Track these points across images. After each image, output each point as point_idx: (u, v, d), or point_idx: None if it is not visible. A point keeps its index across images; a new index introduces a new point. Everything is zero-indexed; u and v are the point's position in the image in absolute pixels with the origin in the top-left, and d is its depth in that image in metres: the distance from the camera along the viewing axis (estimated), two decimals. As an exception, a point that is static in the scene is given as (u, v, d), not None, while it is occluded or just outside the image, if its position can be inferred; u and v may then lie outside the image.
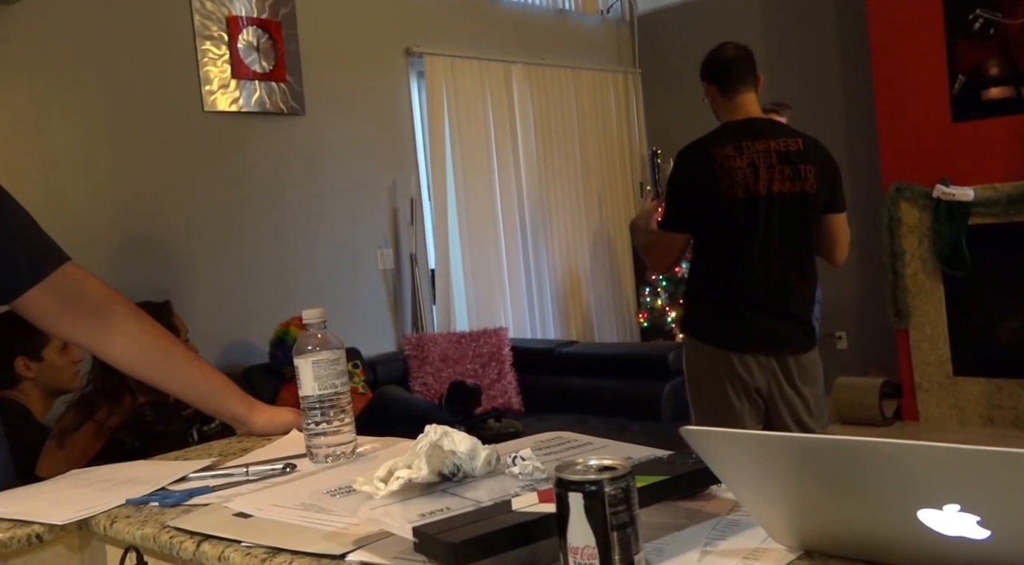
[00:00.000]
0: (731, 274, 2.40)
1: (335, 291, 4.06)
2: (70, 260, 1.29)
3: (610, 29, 5.55)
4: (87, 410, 2.24)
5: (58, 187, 3.21)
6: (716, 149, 2.36)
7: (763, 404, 2.43)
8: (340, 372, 1.13)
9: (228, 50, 3.64)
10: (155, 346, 1.31)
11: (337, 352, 1.13)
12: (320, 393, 1.11)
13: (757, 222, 2.34)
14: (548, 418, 3.86)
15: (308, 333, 1.13)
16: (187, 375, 1.32)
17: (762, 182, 2.32)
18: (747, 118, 2.43)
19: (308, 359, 1.11)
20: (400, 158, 4.34)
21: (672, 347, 4.09)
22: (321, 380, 1.11)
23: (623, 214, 5.42)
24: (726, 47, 2.51)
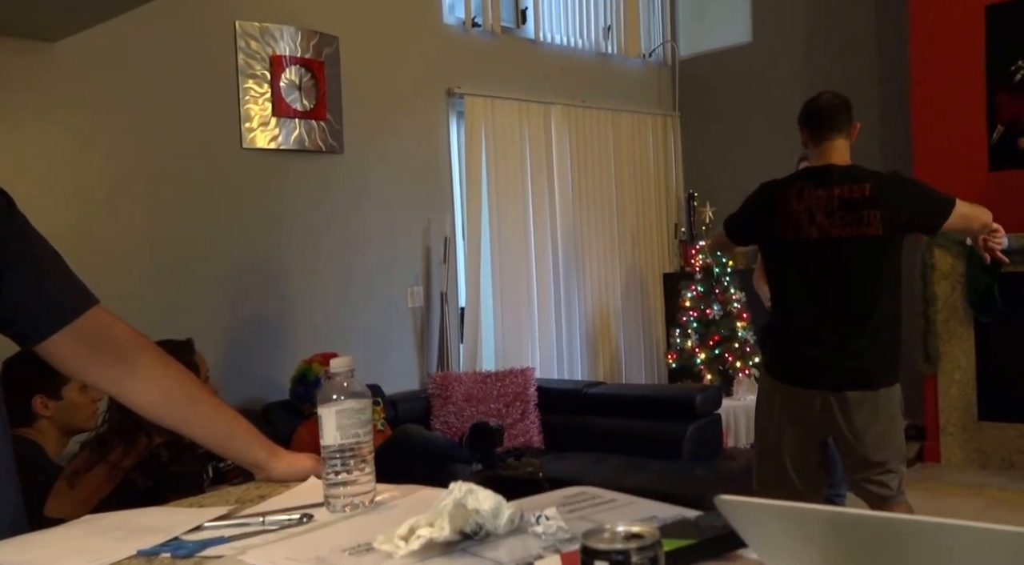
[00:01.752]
0: (786, 311, 2.52)
1: (362, 328, 3.95)
2: (98, 303, 1.22)
3: (651, 72, 5.42)
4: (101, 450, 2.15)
5: (91, 221, 3.16)
6: (780, 191, 2.46)
7: (819, 437, 2.49)
8: (364, 421, 1.07)
9: (270, 88, 3.59)
10: (180, 392, 1.25)
11: (362, 401, 1.07)
12: (342, 443, 1.06)
13: (807, 264, 2.43)
14: (567, 456, 3.73)
15: (334, 381, 1.07)
16: (211, 421, 1.26)
17: (816, 227, 2.39)
18: (826, 165, 2.47)
19: (332, 408, 1.06)
20: (436, 197, 4.25)
21: (700, 389, 3.92)
22: (344, 430, 1.06)
23: (656, 255, 5.27)
24: (823, 95, 2.54)
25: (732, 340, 4.63)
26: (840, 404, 2.42)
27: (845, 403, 2.42)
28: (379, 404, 3.63)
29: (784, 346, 2.51)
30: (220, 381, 3.38)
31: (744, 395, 4.54)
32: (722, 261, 4.72)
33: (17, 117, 2.98)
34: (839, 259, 2.40)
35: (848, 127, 2.49)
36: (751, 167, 5.11)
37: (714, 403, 3.86)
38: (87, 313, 1.19)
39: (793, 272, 2.46)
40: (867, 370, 2.44)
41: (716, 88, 5.36)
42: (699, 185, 5.31)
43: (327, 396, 1.06)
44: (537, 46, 4.73)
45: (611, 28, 5.10)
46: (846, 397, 2.42)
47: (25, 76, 2.98)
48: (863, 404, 2.42)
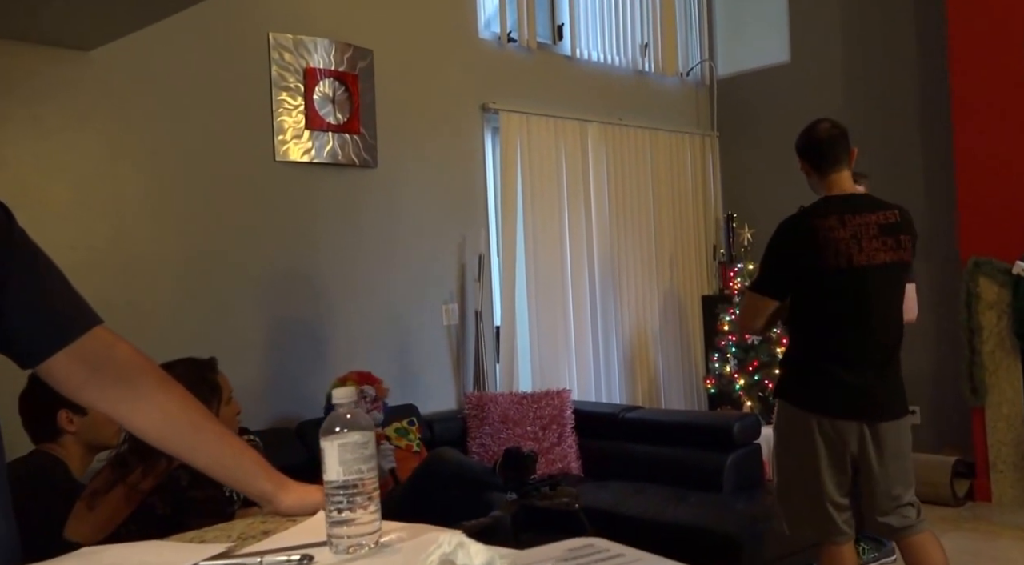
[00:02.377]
0: (830, 341, 2.40)
1: (397, 345, 3.83)
2: (101, 323, 1.15)
3: (689, 92, 5.31)
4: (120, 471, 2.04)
5: (125, 233, 3.09)
6: (820, 221, 2.36)
7: (852, 470, 2.41)
8: (368, 456, 1.01)
9: (304, 101, 3.51)
10: (183, 418, 1.18)
11: (367, 434, 1.01)
12: (345, 479, 0.99)
13: (857, 291, 2.36)
14: (607, 485, 3.57)
15: (337, 413, 1.01)
16: (215, 450, 1.20)
17: (864, 253, 2.35)
18: (846, 194, 2.44)
19: (334, 441, 0.99)
20: (470, 214, 4.14)
21: (738, 417, 3.73)
22: (347, 465, 0.99)
23: (695, 277, 5.11)
24: (820, 126, 2.49)
25: (772, 366, 4.43)
26: (874, 435, 2.37)
27: (878, 434, 2.37)
28: (414, 424, 3.51)
29: (823, 377, 2.40)
30: (254, 397, 3.30)
31: (786, 423, 4.32)
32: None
33: (51, 126, 2.93)
34: (883, 284, 2.38)
35: (848, 156, 2.47)
36: (790, 188, 4.92)
37: (753, 432, 3.67)
38: (89, 333, 1.13)
39: (840, 300, 2.37)
40: (899, 399, 2.43)
41: (755, 108, 5.22)
42: (738, 206, 5.16)
43: (329, 428, 1.00)
44: (573, 63, 4.63)
45: (648, 46, 4.99)
46: (879, 428, 2.37)
47: (59, 85, 2.93)
48: (895, 434, 2.39)
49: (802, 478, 2.42)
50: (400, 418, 3.48)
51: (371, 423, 1.03)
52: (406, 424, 3.48)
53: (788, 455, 2.48)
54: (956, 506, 4.15)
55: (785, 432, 2.47)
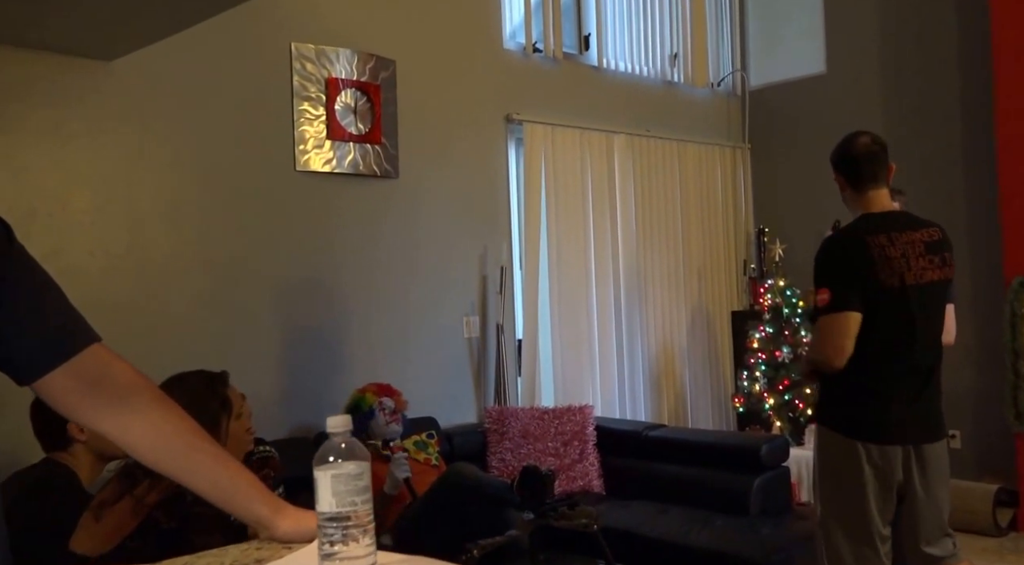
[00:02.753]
0: (875, 363, 2.32)
1: (417, 357, 3.80)
2: (99, 341, 1.14)
3: (720, 102, 5.23)
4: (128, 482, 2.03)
5: (143, 241, 3.10)
6: (871, 238, 2.30)
7: (896, 498, 2.34)
8: (362, 488, 1.00)
9: (325, 111, 3.52)
10: (179, 439, 1.17)
11: (361, 465, 1.00)
12: (338, 511, 0.98)
13: (905, 310, 2.31)
14: (629, 505, 3.51)
15: (331, 442, 1.00)
16: (210, 472, 1.18)
17: (913, 272, 2.30)
18: (886, 211, 2.38)
19: (327, 472, 0.99)
20: (493, 225, 4.11)
21: (767, 439, 3.64)
22: (340, 496, 0.98)
23: (724, 291, 5.02)
24: (859, 141, 2.41)
25: (803, 385, 4.32)
26: (918, 459, 2.31)
27: (923, 457, 2.31)
28: (434, 438, 3.48)
29: (867, 401, 2.32)
30: (272, 406, 3.30)
31: (818, 444, 4.20)
32: (792, 301, 4.44)
33: (72, 133, 2.95)
34: (929, 303, 2.33)
35: (887, 172, 2.40)
36: (824, 203, 4.83)
37: (781, 455, 3.57)
38: (86, 351, 1.12)
39: (887, 320, 2.29)
40: (940, 420, 2.38)
41: (788, 120, 5.13)
42: (770, 220, 5.06)
43: (323, 457, 0.99)
44: (600, 73, 4.59)
45: (677, 56, 4.93)
46: (923, 451, 2.31)
47: (81, 94, 2.95)
48: (937, 456, 2.34)
49: (847, 508, 2.32)
50: (419, 431, 3.45)
51: (366, 453, 1.01)
52: (425, 437, 3.44)
53: (832, 484, 2.37)
54: (998, 536, 4.02)
55: (829, 460, 2.37)
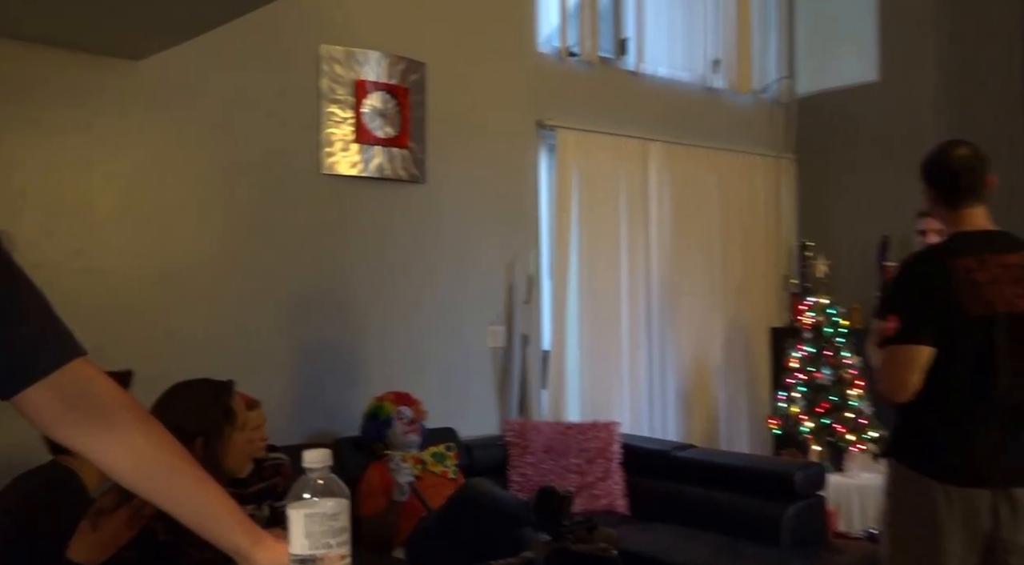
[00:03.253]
0: (957, 395, 2.16)
1: (440, 365, 3.85)
2: (82, 355, 1.12)
3: (764, 110, 5.19)
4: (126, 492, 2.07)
5: (167, 243, 3.19)
6: (955, 261, 2.15)
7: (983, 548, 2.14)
8: (339, 529, 0.96)
9: (353, 114, 3.57)
10: (158, 461, 1.15)
11: (340, 503, 0.97)
12: (312, 553, 0.95)
13: (991, 340, 2.13)
14: (654, 528, 3.50)
15: (307, 478, 0.97)
16: (188, 497, 1.15)
17: (1004, 299, 2.13)
18: (982, 230, 2.23)
19: (301, 511, 0.96)
20: (521, 233, 4.13)
21: (802, 465, 3.58)
22: (313, 538, 0.95)
23: (763, 307, 4.97)
24: (956, 151, 2.25)
25: (844, 409, 4.25)
26: (1010, 504, 2.11)
27: (1014, 502, 2.11)
28: (452, 450, 3.50)
29: (947, 437, 2.17)
30: (289, 413, 3.38)
31: (858, 473, 4.12)
32: (834, 320, 4.36)
33: (99, 135, 3.05)
34: (1019, 334, 2.14)
35: (985, 187, 2.23)
36: (873, 218, 4.78)
37: (817, 482, 3.52)
38: (68, 366, 1.10)
39: (971, 352, 2.14)
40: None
41: (837, 130, 5.06)
42: (814, 234, 4.99)
43: (297, 494, 0.97)
44: (637, 78, 4.58)
45: (720, 61, 4.90)
46: (1013, 495, 2.12)
47: (110, 93, 3.06)
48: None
49: (920, 556, 2.16)
50: (438, 442, 3.48)
51: (345, 490, 0.98)
52: (443, 449, 3.47)
53: (904, 527, 2.22)
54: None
55: (902, 499, 2.22)
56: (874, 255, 4.67)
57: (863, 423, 4.24)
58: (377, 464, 3.25)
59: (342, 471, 3.48)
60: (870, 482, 4.03)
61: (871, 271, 4.70)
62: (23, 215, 2.89)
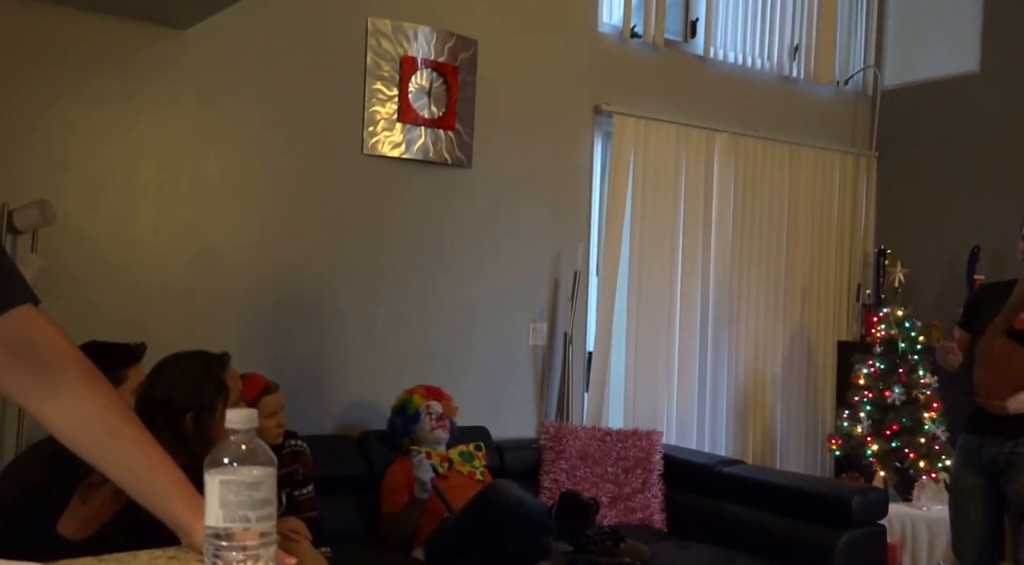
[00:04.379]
0: None
1: (475, 361, 3.95)
2: (33, 302, 1.14)
3: (845, 103, 5.14)
4: None
5: (205, 218, 3.35)
6: None
7: None
8: (261, 501, 0.91)
9: (398, 92, 3.66)
10: (99, 420, 1.14)
11: (264, 472, 0.91)
12: (226, 526, 0.90)
13: None
14: (691, 547, 3.52)
15: (229, 442, 0.92)
16: (129, 462, 1.14)
17: None
18: None
19: (217, 477, 0.91)
20: (570, 226, 4.20)
21: (861, 489, 3.54)
22: (229, 508, 0.90)
23: (831, 318, 4.95)
24: None
25: (916, 433, 4.20)
26: None
27: None
28: (481, 450, 3.57)
29: None
30: (317, 402, 3.52)
31: (929, 504, 4.04)
32: (911, 334, 4.27)
33: (142, 106, 3.23)
34: None
35: None
36: (963, 225, 4.69)
37: (878, 510, 3.47)
38: (13, 312, 1.11)
39: None
40: None
41: (927, 126, 4.97)
42: (893, 241, 4.91)
43: (216, 459, 0.91)
44: (706, 64, 4.59)
45: (799, 48, 4.86)
46: None
47: (154, 64, 3.24)
48: None
49: None
50: (467, 441, 3.54)
51: (272, 459, 0.94)
52: (472, 449, 3.54)
53: None
54: None
55: None
56: (962, 267, 4.56)
57: (937, 449, 4.16)
58: (403, 459, 3.35)
59: (367, 465, 3.55)
60: (941, 515, 3.95)
61: (957, 284, 4.59)
62: (64, 185, 3.08)
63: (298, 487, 2.83)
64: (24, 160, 2.99)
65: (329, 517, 2.97)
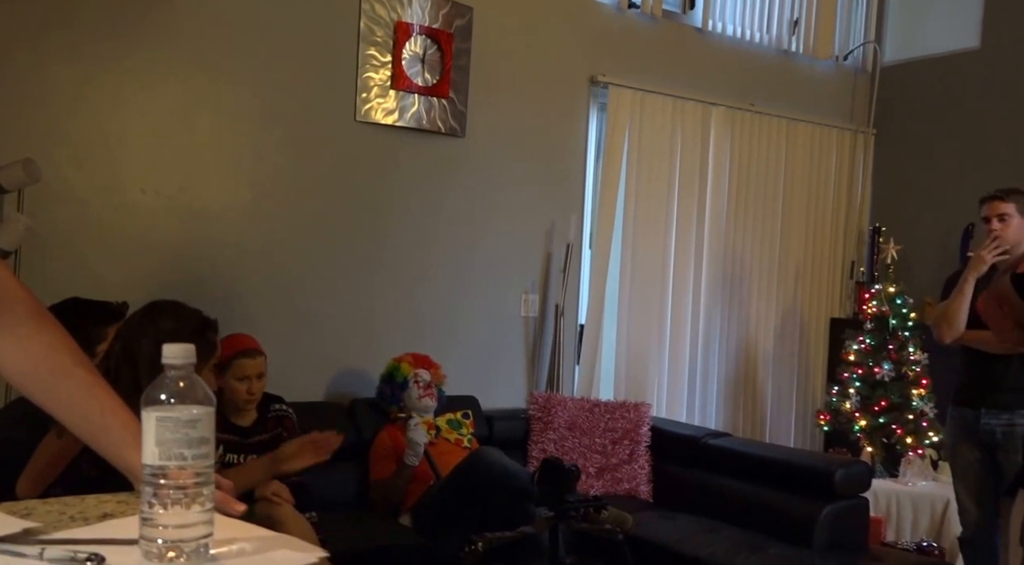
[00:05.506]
0: None
1: (468, 330, 3.99)
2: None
3: (844, 79, 5.15)
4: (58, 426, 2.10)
5: (195, 183, 3.39)
6: None
7: None
8: (198, 439, 0.90)
9: (392, 58, 3.68)
10: (47, 361, 1.14)
11: (202, 410, 0.91)
12: (163, 464, 0.89)
13: None
14: (675, 517, 3.58)
15: (166, 377, 0.92)
16: (78, 404, 1.13)
17: None
18: None
19: (153, 414, 0.90)
20: (564, 197, 4.23)
21: (844, 462, 3.59)
22: (165, 446, 0.89)
23: (825, 295, 4.99)
24: None
25: (904, 409, 4.24)
26: None
27: None
28: (469, 418, 3.63)
29: None
30: (309, 367, 3.56)
31: (915, 480, 4.12)
32: (902, 311, 4.32)
33: (131, 69, 3.25)
34: None
35: None
36: (958, 203, 4.70)
37: (860, 482, 3.52)
38: None
39: None
40: None
41: (927, 102, 4.98)
42: (888, 218, 4.95)
43: (153, 396, 0.91)
44: (704, 36, 4.61)
45: (799, 22, 4.87)
46: None
47: (145, 28, 3.26)
48: None
49: None
50: (455, 410, 3.61)
51: (211, 398, 0.94)
52: (460, 417, 3.60)
53: None
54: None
55: None
56: (955, 245, 4.61)
57: (924, 426, 4.22)
58: (390, 427, 3.41)
59: (357, 432, 3.60)
60: (926, 491, 4.03)
61: (950, 262, 4.63)
62: (52, 146, 3.12)
63: None
64: (12, 122, 3.03)
65: (317, 483, 3.00)
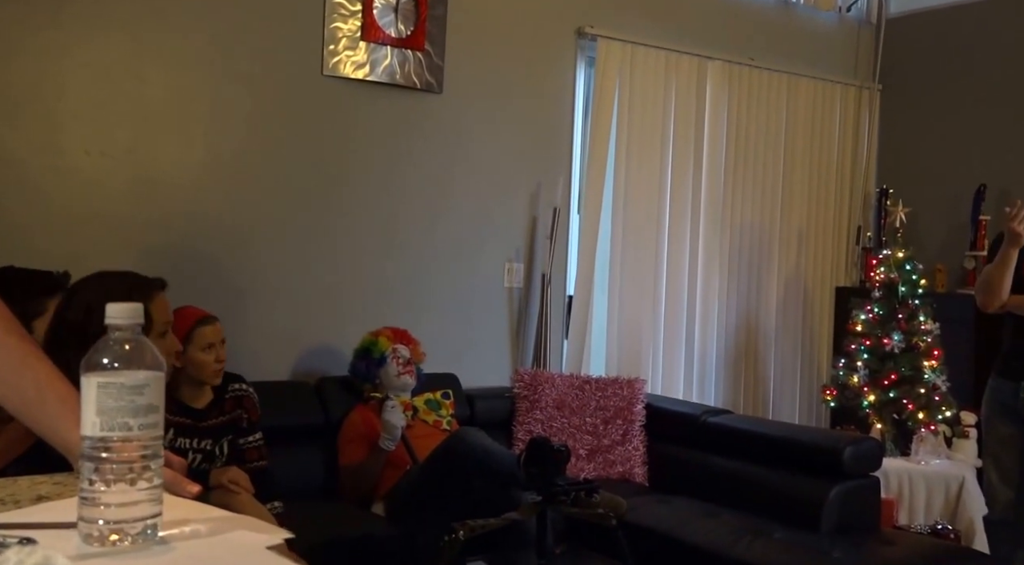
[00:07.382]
0: None
1: (445, 304, 3.85)
2: None
3: (848, 31, 5.05)
4: None
5: (146, 143, 3.22)
6: None
7: None
8: (145, 407, 0.85)
9: (362, 7, 3.53)
10: None
11: (149, 375, 0.85)
12: (103, 435, 0.83)
13: None
14: (672, 501, 3.45)
15: (110, 338, 0.86)
16: (11, 376, 1.08)
17: None
18: None
19: (94, 379, 0.84)
20: (549, 158, 4.10)
21: (853, 439, 3.45)
22: (108, 415, 0.83)
23: (829, 261, 4.90)
24: None
25: (915, 382, 4.11)
26: None
27: None
28: (449, 398, 3.51)
29: None
30: (273, 343, 3.43)
31: (928, 458, 3.99)
32: (912, 278, 4.17)
33: (73, 17, 3.05)
34: None
35: None
36: (969, 162, 4.61)
37: (871, 461, 3.39)
38: None
39: None
40: None
41: (935, 56, 4.88)
42: (896, 179, 4.85)
43: (95, 360, 0.85)
44: (699, -16, 4.47)
45: (800, -30, 4.72)
46: None
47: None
48: None
49: None
50: (434, 389, 3.47)
51: (161, 363, 0.88)
52: (439, 397, 3.47)
53: None
54: None
55: None
56: (967, 207, 4.50)
57: (937, 400, 4.09)
58: (362, 408, 3.25)
59: (324, 414, 3.46)
60: (940, 470, 3.91)
61: (961, 225, 4.52)
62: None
63: (243, 435, 2.72)
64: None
65: (282, 469, 2.88)
